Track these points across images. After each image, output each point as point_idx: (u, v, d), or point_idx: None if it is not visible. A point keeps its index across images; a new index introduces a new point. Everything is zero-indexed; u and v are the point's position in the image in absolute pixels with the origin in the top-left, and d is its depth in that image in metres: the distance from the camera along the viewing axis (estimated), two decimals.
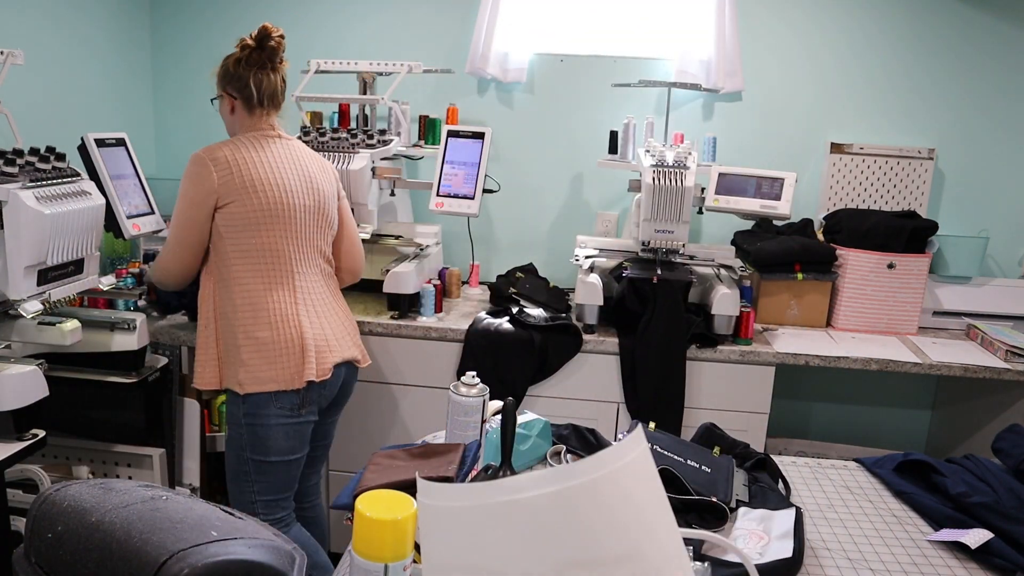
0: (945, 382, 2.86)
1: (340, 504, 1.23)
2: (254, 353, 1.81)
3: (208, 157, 1.81)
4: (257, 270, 1.83)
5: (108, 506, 0.83)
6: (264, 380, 1.80)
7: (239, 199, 1.81)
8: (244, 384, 1.80)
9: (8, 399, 1.52)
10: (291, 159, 1.92)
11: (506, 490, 0.68)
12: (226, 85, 1.91)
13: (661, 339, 2.25)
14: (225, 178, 1.80)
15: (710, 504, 1.32)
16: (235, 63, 1.89)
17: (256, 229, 1.83)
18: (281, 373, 1.81)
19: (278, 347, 1.81)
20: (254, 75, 1.89)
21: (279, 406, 1.82)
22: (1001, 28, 2.70)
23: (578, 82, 2.88)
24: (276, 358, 1.81)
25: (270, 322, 1.82)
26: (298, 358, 1.83)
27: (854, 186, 2.79)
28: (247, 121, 1.92)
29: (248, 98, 1.90)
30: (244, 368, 1.80)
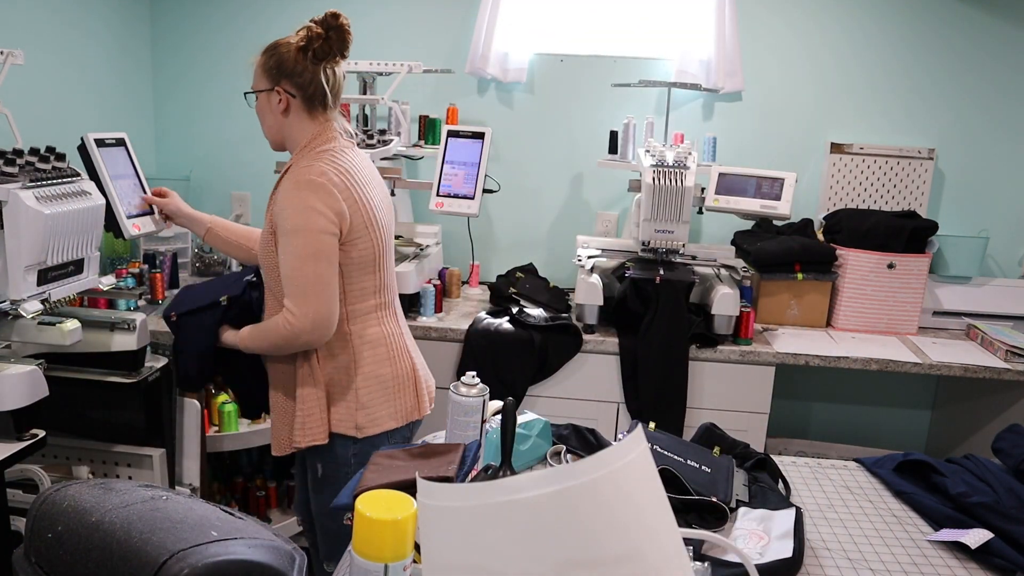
0: (945, 382, 2.86)
1: (340, 504, 1.23)
2: (375, 393, 1.68)
3: (328, 181, 1.56)
4: (372, 305, 1.69)
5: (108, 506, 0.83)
6: (382, 420, 1.68)
7: (363, 236, 1.62)
8: (363, 427, 1.67)
9: (8, 399, 1.52)
10: (371, 171, 1.72)
11: (506, 490, 0.68)
12: (281, 79, 1.63)
13: (663, 339, 2.25)
14: (352, 208, 1.59)
15: (710, 504, 1.32)
16: (298, 52, 1.61)
17: (374, 268, 1.67)
18: (399, 410, 1.71)
19: (398, 383, 1.70)
20: (321, 70, 1.62)
21: (393, 443, 1.70)
22: (1001, 28, 2.70)
23: (578, 82, 2.88)
24: (395, 395, 1.70)
25: (389, 357, 1.69)
26: (412, 392, 1.73)
27: (854, 186, 2.79)
28: (307, 126, 1.66)
29: (312, 97, 1.64)
30: (363, 411, 1.66)
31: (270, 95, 1.65)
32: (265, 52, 1.65)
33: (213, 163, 3.05)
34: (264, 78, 1.65)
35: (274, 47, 1.64)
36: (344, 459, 1.69)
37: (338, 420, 1.67)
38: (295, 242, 1.55)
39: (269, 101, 1.66)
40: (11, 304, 1.62)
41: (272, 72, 1.63)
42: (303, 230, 1.54)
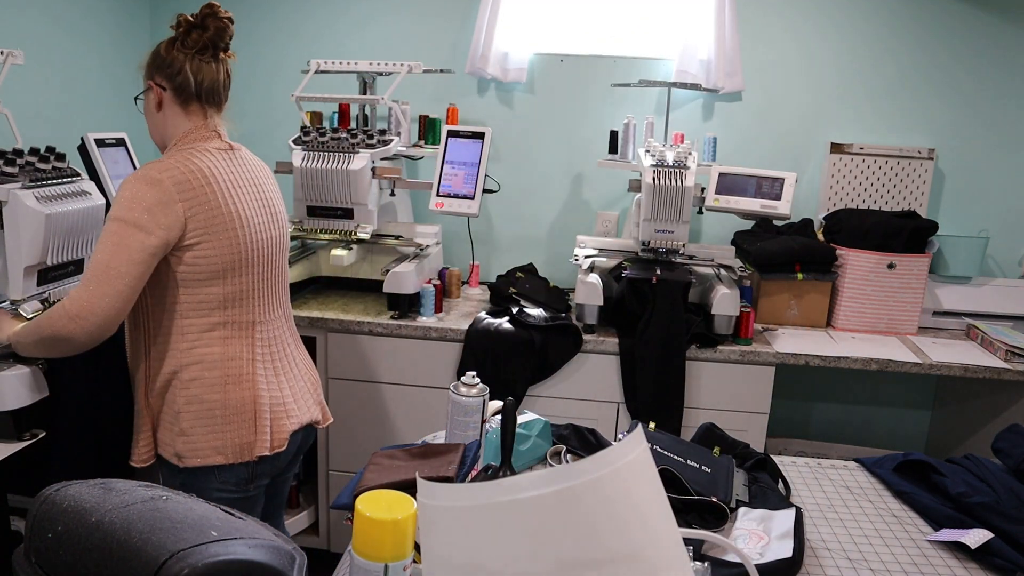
0: (945, 382, 2.86)
1: (340, 504, 1.23)
2: (196, 420, 1.50)
3: (168, 179, 1.44)
4: (211, 323, 1.51)
5: (108, 506, 0.83)
6: (206, 452, 1.51)
7: (208, 240, 1.47)
8: (184, 457, 1.50)
9: (8, 399, 1.52)
10: (249, 179, 1.58)
11: (506, 490, 0.68)
12: (154, 72, 1.54)
13: (661, 339, 2.25)
14: (192, 210, 1.45)
15: (710, 504, 1.32)
16: (168, 45, 1.54)
17: (222, 277, 1.50)
18: (228, 444, 1.51)
19: (227, 413, 1.51)
20: (191, 60, 1.53)
21: (222, 481, 1.53)
22: (1001, 28, 2.70)
23: (578, 82, 2.88)
24: (222, 427, 1.51)
25: (223, 383, 1.51)
26: (249, 427, 1.53)
27: (854, 186, 2.79)
28: (180, 121, 1.55)
29: (180, 89, 1.53)
30: (184, 438, 1.50)
31: (149, 93, 1.57)
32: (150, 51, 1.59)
33: None
34: (145, 76, 1.58)
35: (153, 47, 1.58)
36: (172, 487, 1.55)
37: (162, 443, 1.54)
38: (111, 229, 1.42)
39: (148, 99, 1.58)
40: (11, 304, 1.62)
41: (148, 67, 1.56)
42: (118, 220, 1.41)
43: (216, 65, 1.56)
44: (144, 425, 1.54)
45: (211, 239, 1.48)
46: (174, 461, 1.52)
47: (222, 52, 1.58)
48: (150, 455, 1.55)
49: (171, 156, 1.50)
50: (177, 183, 1.44)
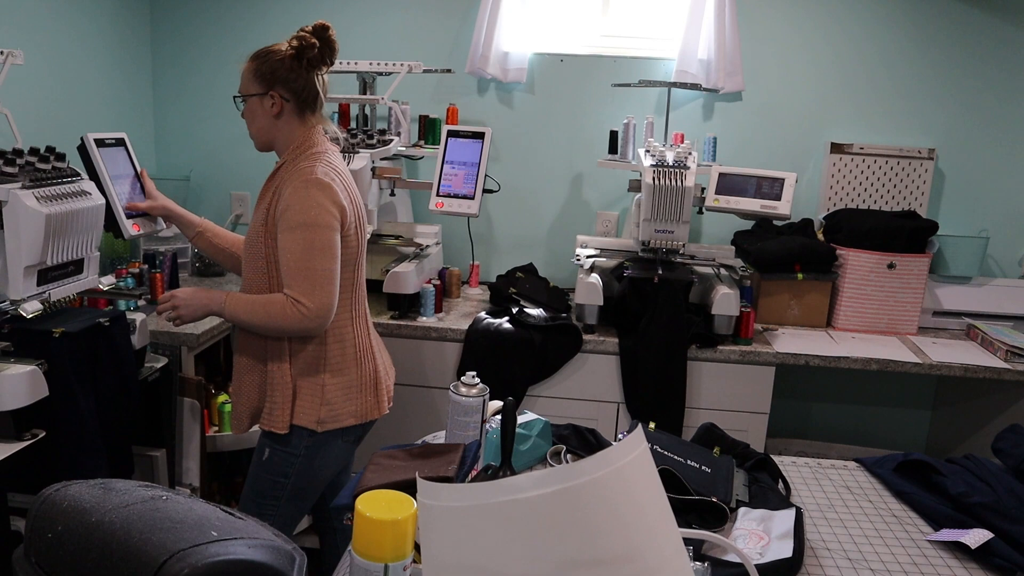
0: (945, 382, 2.86)
1: (340, 504, 1.23)
2: (339, 391, 1.73)
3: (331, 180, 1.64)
4: (346, 306, 1.74)
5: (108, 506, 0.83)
6: (343, 416, 1.73)
7: (351, 234, 1.70)
8: (324, 422, 1.72)
9: (8, 399, 1.52)
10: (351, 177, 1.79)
11: (506, 490, 0.68)
12: (275, 83, 1.69)
13: (662, 339, 2.25)
14: (348, 206, 1.68)
15: (710, 504, 1.32)
16: (292, 59, 1.68)
17: (355, 264, 1.74)
18: (360, 409, 1.76)
19: (362, 384, 1.76)
20: (312, 75, 1.71)
21: (345, 440, 1.78)
22: (1001, 28, 2.70)
23: (578, 82, 2.88)
24: (357, 395, 1.75)
25: (356, 359, 1.75)
26: (372, 394, 1.78)
27: (854, 186, 2.79)
28: (297, 129, 1.72)
29: (305, 102, 1.71)
30: (327, 407, 1.71)
31: (263, 99, 1.70)
32: (256, 58, 1.71)
33: (213, 163, 3.05)
34: (256, 82, 1.70)
35: (266, 54, 1.70)
36: (296, 450, 1.73)
37: (301, 413, 1.71)
38: (306, 236, 1.60)
39: (262, 104, 1.71)
40: (11, 304, 1.62)
41: (266, 77, 1.69)
42: (313, 226, 1.60)
43: (325, 78, 1.76)
44: (285, 398, 1.71)
45: (352, 230, 1.70)
46: (312, 427, 1.71)
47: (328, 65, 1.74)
48: (288, 424, 1.71)
49: (314, 160, 1.67)
50: (336, 183, 1.65)
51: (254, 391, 1.77)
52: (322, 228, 1.61)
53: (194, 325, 2.18)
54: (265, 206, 1.70)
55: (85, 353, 1.68)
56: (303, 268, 1.61)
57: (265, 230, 1.68)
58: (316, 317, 1.63)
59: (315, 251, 1.61)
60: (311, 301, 1.61)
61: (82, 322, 1.70)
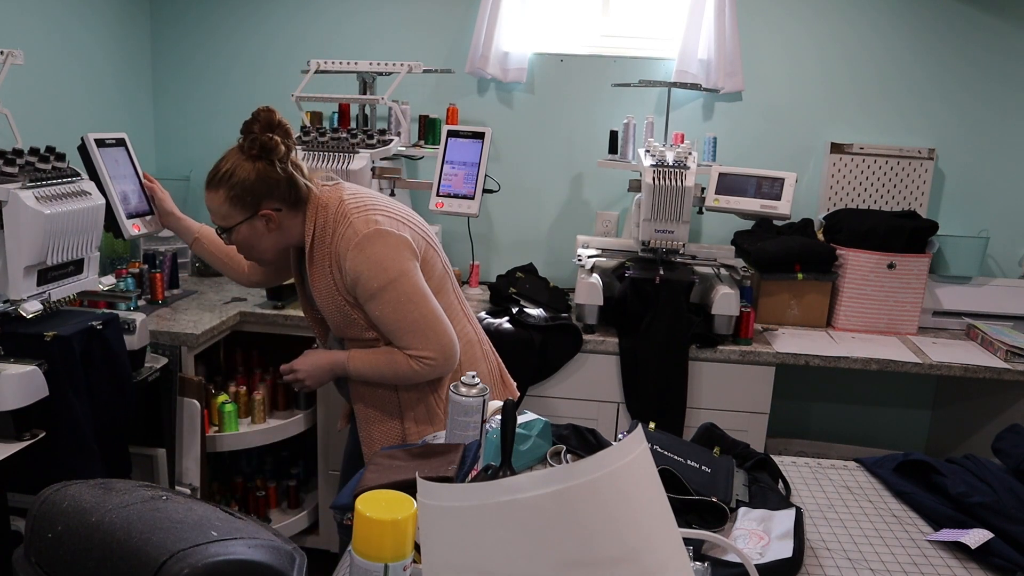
0: (945, 382, 2.86)
1: (340, 504, 1.23)
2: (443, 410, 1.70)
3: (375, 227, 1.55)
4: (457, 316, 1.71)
5: (108, 506, 0.83)
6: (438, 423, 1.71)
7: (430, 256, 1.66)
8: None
9: (8, 399, 1.52)
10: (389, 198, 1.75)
11: (506, 490, 0.68)
12: (260, 202, 1.57)
13: (663, 339, 2.25)
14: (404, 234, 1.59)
15: (710, 504, 1.32)
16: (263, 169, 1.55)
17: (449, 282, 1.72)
18: None
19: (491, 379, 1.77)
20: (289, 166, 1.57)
21: None
22: (1001, 27, 2.70)
23: (578, 82, 2.88)
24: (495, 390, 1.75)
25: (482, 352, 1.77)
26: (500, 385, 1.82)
27: (854, 186, 2.79)
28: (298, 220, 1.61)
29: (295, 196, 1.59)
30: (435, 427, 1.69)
31: (253, 222, 1.59)
32: (222, 186, 1.58)
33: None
34: (238, 210, 1.58)
35: (229, 177, 1.56)
36: None
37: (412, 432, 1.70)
38: (389, 296, 1.55)
39: (254, 228, 1.60)
40: (11, 304, 1.62)
41: (247, 201, 1.57)
42: (390, 282, 1.54)
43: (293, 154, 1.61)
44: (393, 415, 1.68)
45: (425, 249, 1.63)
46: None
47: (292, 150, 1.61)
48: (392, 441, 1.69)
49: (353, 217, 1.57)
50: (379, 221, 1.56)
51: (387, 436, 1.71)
52: (400, 277, 1.54)
53: (194, 325, 2.19)
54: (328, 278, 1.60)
55: (78, 356, 1.67)
56: (406, 326, 1.56)
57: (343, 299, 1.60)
58: (444, 360, 1.60)
59: (407, 304, 1.55)
60: (431, 351, 1.58)
61: (75, 325, 1.69)
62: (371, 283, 1.54)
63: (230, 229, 1.61)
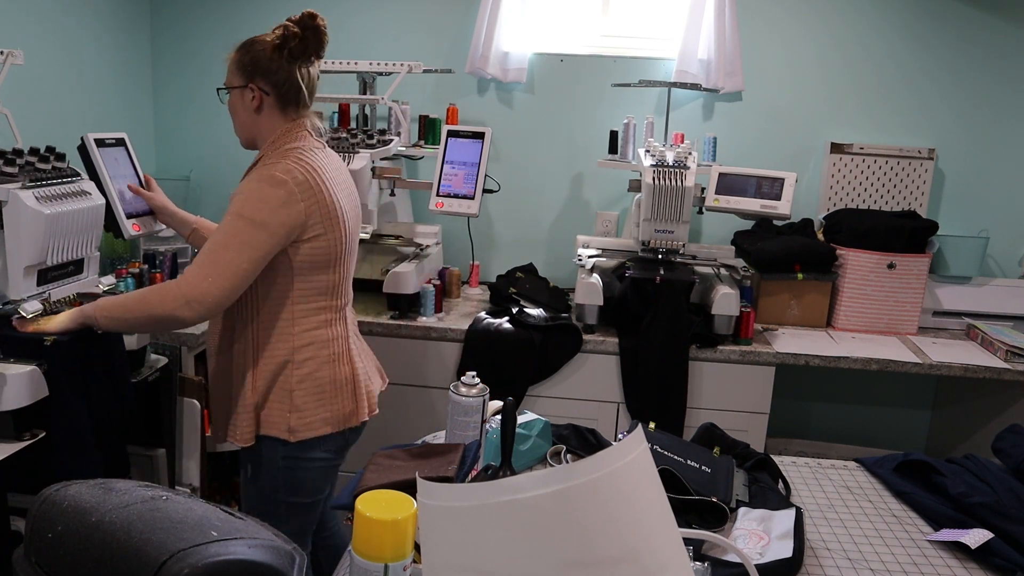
0: (945, 382, 2.86)
1: (340, 504, 1.23)
2: (309, 396, 1.62)
3: (291, 180, 1.53)
4: (319, 307, 1.63)
5: (108, 506, 0.83)
6: (316, 424, 1.62)
7: (320, 234, 1.57)
8: (296, 431, 1.61)
9: (8, 399, 1.52)
10: (342, 175, 1.69)
11: (506, 490, 0.68)
12: (255, 75, 1.61)
13: (663, 339, 2.25)
14: (311, 208, 1.55)
15: (710, 504, 1.32)
16: (274, 50, 1.60)
17: (332, 265, 1.62)
18: (335, 415, 1.64)
19: (335, 387, 1.64)
20: (296, 68, 1.61)
21: (325, 449, 1.66)
22: (1001, 27, 2.70)
23: (578, 82, 2.88)
24: (331, 399, 1.64)
25: (331, 361, 1.64)
26: (350, 398, 1.66)
27: (854, 186, 2.79)
28: (277, 123, 1.64)
29: (287, 96, 1.62)
30: (297, 414, 1.60)
31: (243, 92, 1.64)
32: (240, 49, 1.65)
33: (213, 163, 3.05)
34: (238, 74, 1.64)
35: (249, 44, 1.63)
36: (272, 461, 1.64)
37: (270, 423, 1.62)
38: (234, 225, 1.51)
39: (242, 98, 1.65)
40: (11, 304, 1.62)
41: (247, 69, 1.62)
42: (243, 217, 1.51)
43: (312, 70, 1.66)
44: (248, 407, 1.62)
45: (326, 232, 1.58)
46: (284, 436, 1.61)
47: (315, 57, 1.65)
48: (253, 435, 1.63)
49: (284, 156, 1.58)
50: (299, 183, 1.54)
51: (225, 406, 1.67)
52: (251, 223, 1.50)
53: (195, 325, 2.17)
54: None
55: (76, 357, 1.65)
56: (213, 250, 1.50)
57: None
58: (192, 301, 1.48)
59: (231, 240, 1.50)
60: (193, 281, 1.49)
61: None
62: (236, 205, 1.53)
63: (227, 89, 1.68)
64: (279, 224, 1.52)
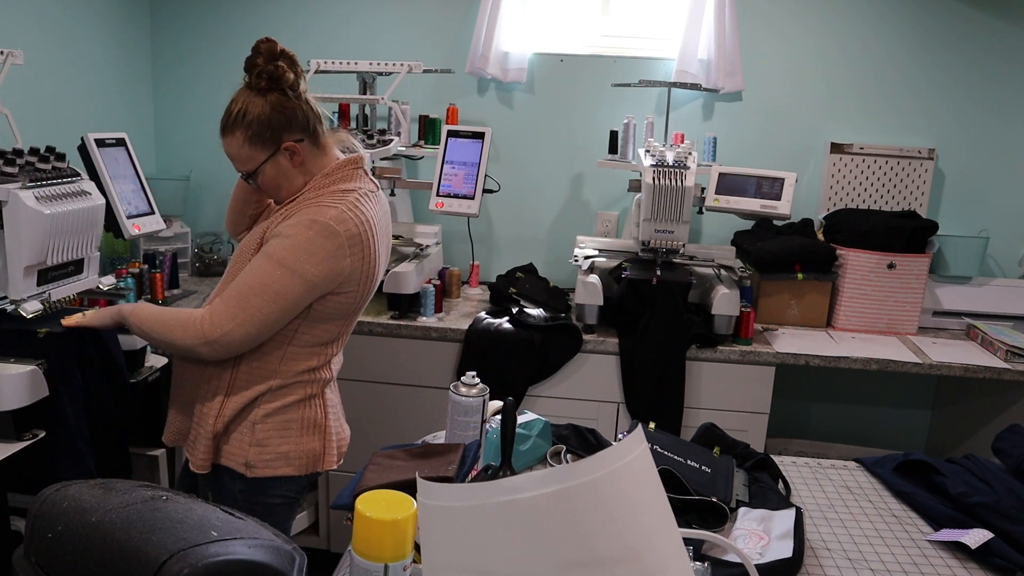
0: (945, 382, 2.86)
1: (340, 504, 1.23)
2: (273, 432, 1.51)
3: (344, 232, 1.43)
4: (314, 352, 1.54)
5: (108, 506, 0.83)
6: (277, 463, 1.52)
7: (351, 289, 1.49)
8: (254, 466, 1.51)
9: (8, 399, 1.52)
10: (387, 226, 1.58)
11: (506, 490, 0.68)
12: (280, 135, 1.47)
13: (661, 340, 2.25)
14: (356, 264, 1.46)
15: (710, 504, 1.32)
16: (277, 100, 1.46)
17: (347, 317, 1.55)
18: (299, 454, 1.54)
19: (303, 427, 1.54)
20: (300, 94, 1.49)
21: (285, 489, 1.56)
22: (1001, 27, 2.70)
23: (578, 82, 2.88)
24: (297, 437, 1.53)
25: (303, 400, 1.54)
26: (318, 441, 1.56)
27: (854, 186, 2.79)
28: (321, 158, 1.53)
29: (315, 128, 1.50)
30: (257, 448, 1.51)
31: (277, 158, 1.50)
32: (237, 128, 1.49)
33: (213, 163, 3.04)
34: (259, 150, 1.49)
35: (243, 116, 1.48)
36: (230, 494, 1.54)
37: (229, 454, 1.52)
38: (272, 272, 1.42)
39: (279, 164, 1.50)
40: (11, 304, 1.62)
41: (266, 137, 1.48)
42: (285, 266, 1.41)
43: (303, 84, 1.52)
44: (208, 433, 1.52)
45: (359, 289, 1.50)
46: (241, 470, 1.51)
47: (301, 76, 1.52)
48: (209, 463, 1.53)
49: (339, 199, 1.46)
50: (351, 237, 1.44)
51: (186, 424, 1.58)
52: (293, 274, 1.41)
53: None
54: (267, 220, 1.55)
55: (72, 354, 1.65)
56: (243, 294, 1.42)
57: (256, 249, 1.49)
58: (213, 343, 1.43)
59: (267, 288, 1.41)
60: (218, 321, 1.42)
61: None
62: (279, 249, 1.42)
63: (255, 172, 1.51)
64: (322, 278, 1.43)
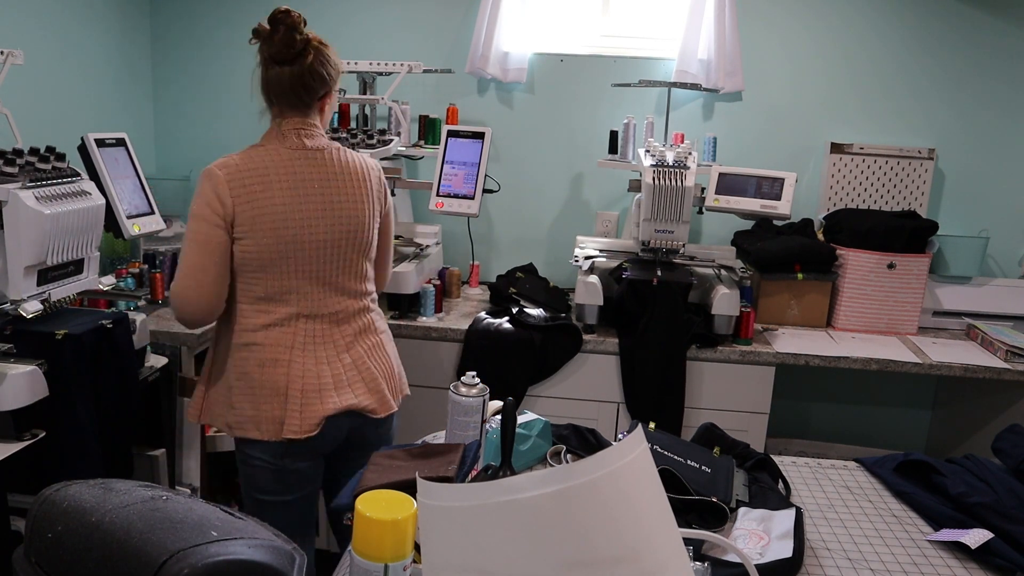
0: (945, 382, 2.86)
1: (340, 504, 1.23)
2: (242, 396, 1.62)
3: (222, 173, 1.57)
4: (257, 310, 1.62)
5: (108, 506, 0.83)
6: (247, 426, 1.62)
7: (247, 237, 1.57)
8: (232, 427, 1.64)
9: (8, 399, 1.52)
10: (316, 178, 1.63)
11: (506, 490, 0.68)
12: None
13: (661, 340, 2.25)
14: (242, 206, 1.56)
15: (710, 504, 1.32)
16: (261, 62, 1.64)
17: (263, 272, 1.60)
18: (264, 422, 1.61)
19: (264, 391, 1.61)
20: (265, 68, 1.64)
21: (261, 451, 1.64)
22: (1001, 27, 2.70)
23: (578, 82, 2.88)
24: (260, 403, 1.61)
25: (260, 364, 1.61)
26: (279, 407, 1.61)
27: (854, 186, 2.79)
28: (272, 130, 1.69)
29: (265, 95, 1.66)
30: (232, 411, 1.62)
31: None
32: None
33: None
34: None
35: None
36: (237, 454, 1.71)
37: (213, 413, 1.68)
38: (187, 225, 1.60)
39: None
40: (11, 304, 1.62)
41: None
42: (190, 215, 1.59)
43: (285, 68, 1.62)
44: (201, 384, 1.71)
45: (255, 236, 1.58)
46: (225, 431, 1.66)
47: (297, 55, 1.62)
48: (197, 413, 1.71)
49: (242, 151, 1.64)
50: (230, 177, 1.57)
51: None
52: (195, 219, 1.57)
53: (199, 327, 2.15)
54: None
55: (87, 355, 1.67)
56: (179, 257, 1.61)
57: None
58: (175, 307, 1.61)
59: (187, 242, 1.58)
60: (173, 287, 1.60)
61: (85, 324, 1.69)
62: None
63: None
64: (214, 214, 1.56)
